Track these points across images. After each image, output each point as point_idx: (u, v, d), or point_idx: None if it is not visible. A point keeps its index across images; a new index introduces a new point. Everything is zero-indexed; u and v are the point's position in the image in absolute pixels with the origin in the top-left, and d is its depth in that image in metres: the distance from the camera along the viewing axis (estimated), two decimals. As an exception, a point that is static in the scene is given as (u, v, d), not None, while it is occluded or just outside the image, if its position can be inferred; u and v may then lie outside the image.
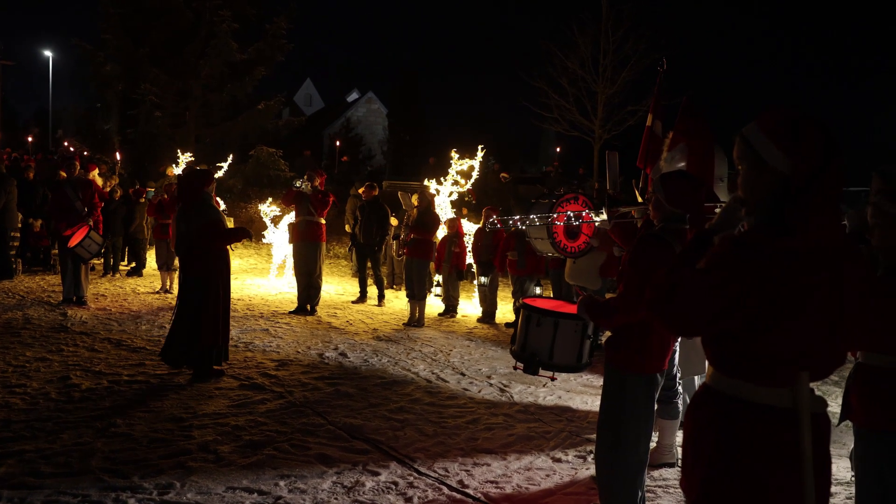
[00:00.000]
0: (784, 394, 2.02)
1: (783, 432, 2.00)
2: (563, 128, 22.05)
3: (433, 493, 4.25)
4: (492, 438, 5.29)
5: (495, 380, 7.08)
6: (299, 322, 9.76)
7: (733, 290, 1.95)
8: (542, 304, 4.24)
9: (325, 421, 5.52)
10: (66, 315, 9.26)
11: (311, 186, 10.46)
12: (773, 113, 2.08)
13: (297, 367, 7.24)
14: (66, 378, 6.37)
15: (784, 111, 2.06)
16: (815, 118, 2.04)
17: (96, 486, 4.12)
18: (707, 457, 2.09)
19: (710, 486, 2.08)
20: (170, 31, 22.41)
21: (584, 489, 4.40)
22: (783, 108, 2.07)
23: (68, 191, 9.98)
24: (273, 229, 13.52)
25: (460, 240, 11.02)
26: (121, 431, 5.04)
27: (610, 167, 5.85)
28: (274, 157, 23.42)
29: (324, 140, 46.26)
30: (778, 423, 2.01)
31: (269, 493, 4.13)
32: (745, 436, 2.03)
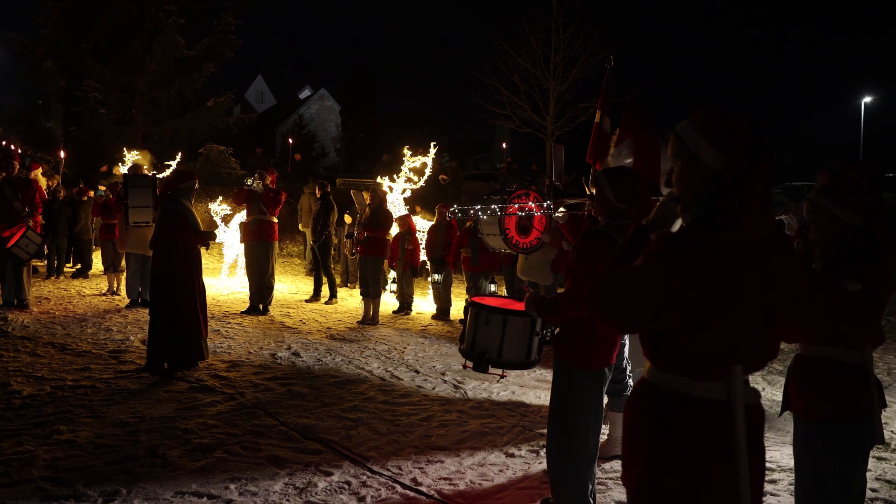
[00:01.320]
0: (718, 387, 2.04)
1: (718, 425, 2.03)
2: (516, 124, 22.22)
3: (386, 492, 4.22)
4: (446, 435, 5.29)
5: (449, 377, 7.08)
6: (251, 322, 9.63)
7: (669, 287, 1.97)
8: (491, 301, 4.24)
9: (277, 422, 5.45)
10: (7, 319, 8.97)
11: (263, 185, 10.33)
12: (705, 110, 2.11)
13: (249, 367, 7.14)
14: (7, 385, 6.16)
15: (715, 108, 2.10)
16: (745, 114, 2.07)
17: (38, 496, 3.99)
18: (645, 451, 2.11)
19: (648, 479, 2.10)
20: (113, 26, 21.87)
21: (537, 483, 4.42)
22: (714, 105, 2.10)
23: (7, 191, 9.66)
24: (224, 228, 13.32)
25: (413, 237, 11.01)
26: (64, 438, 4.90)
27: (555, 160, 5.89)
28: (224, 155, 23.06)
29: (276, 137, 45.80)
30: (713, 416, 2.04)
31: (219, 497, 4.06)
32: (681, 429, 2.05)
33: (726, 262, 1.98)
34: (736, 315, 2.00)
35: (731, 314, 2.00)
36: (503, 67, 21.50)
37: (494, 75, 21.60)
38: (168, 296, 6.72)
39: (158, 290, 6.79)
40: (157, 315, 6.73)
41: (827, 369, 2.97)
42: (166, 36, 21.31)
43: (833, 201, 3.01)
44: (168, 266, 6.77)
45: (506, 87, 21.43)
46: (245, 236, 10.58)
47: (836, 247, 2.99)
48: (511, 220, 7.39)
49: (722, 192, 2.02)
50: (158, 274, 6.81)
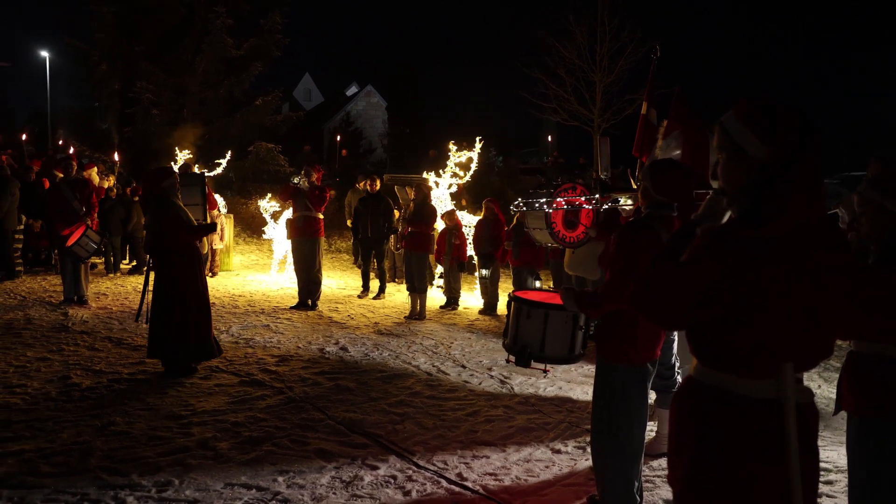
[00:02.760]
0: (767, 385, 2.00)
1: (767, 424, 1.98)
2: (562, 118, 21.99)
3: (432, 487, 4.25)
4: (491, 430, 5.29)
5: (496, 371, 7.07)
6: (300, 317, 9.76)
7: (711, 282, 1.94)
8: (533, 296, 4.23)
9: (325, 416, 5.52)
10: (67, 315, 9.27)
11: (308, 182, 10.45)
12: (749, 100, 2.06)
13: (298, 362, 7.24)
14: (67, 377, 6.38)
15: (760, 98, 2.05)
16: (791, 104, 2.02)
17: (95, 485, 4.12)
18: (690, 450, 2.08)
19: (693, 479, 2.07)
20: (164, 28, 22.32)
21: (583, 480, 4.40)
22: (759, 96, 2.05)
23: (66, 191, 9.98)
24: (273, 225, 13.51)
25: (460, 232, 11.01)
26: (120, 430, 5.05)
27: (601, 153, 5.84)
28: (273, 152, 23.35)
29: (324, 134, 46.21)
30: (761, 415, 1.99)
31: (267, 489, 4.13)
32: (727, 428, 2.01)
33: (771, 256, 1.93)
34: (781, 311, 1.95)
35: (775, 310, 1.95)
36: (548, 60, 21.29)
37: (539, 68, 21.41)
38: (168, 299, 6.62)
39: (159, 294, 6.67)
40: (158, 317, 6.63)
41: (880, 366, 2.88)
42: (215, 37, 21.65)
43: (882, 193, 2.91)
44: (167, 268, 6.66)
45: (551, 80, 21.23)
46: (291, 233, 10.71)
47: (888, 240, 2.90)
48: (557, 214, 7.33)
49: (767, 185, 1.97)
50: (159, 277, 6.71)
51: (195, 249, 6.91)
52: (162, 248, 6.70)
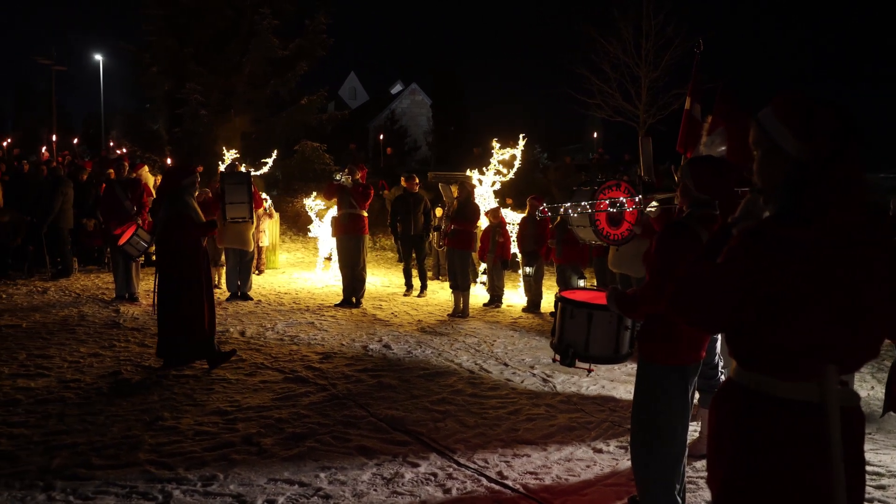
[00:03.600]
0: (810, 388, 1.94)
1: (808, 428, 1.93)
2: (607, 114, 21.83)
3: (472, 485, 4.25)
4: (533, 429, 5.27)
5: (538, 370, 7.04)
6: (344, 315, 9.85)
7: (748, 283, 1.89)
8: (582, 295, 4.20)
9: (367, 413, 5.56)
10: (119, 312, 9.51)
11: (352, 180, 10.53)
12: (788, 97, 2.01)
13: (342, 359, 7.31)
14: (118, 373, 6.55)
15: (798, 94, 2.00)
16: (832, 102, 1.96)
17: (143, 478, 4.23)
18: (729, 452, 2.03)
19: (731, 483, 2.02)
20: (212, 30, 22.73)
21: (625, 480, 4.35)
22: (797, 92, 2.00)
23: (117, 190, 10.24)
24: (318, 223, 13.65)
25: (504, 229, 10.99)
26: (168, 425, 5.17)
27: (644, 153, 5.76)
28: (318, 151, 23.61)
29: (369, 133, 46.55)
30: (803, 418, 1.94)
31: (309, 485, 4.19)
32: (767, 431, 1.96)
33: (808, 255, 1.88)
34: (822, 312, 1.90)
35: (815, 311, 1.89)
36: (593, 56, 21.17)
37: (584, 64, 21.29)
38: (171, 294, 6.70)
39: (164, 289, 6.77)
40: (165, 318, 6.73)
41: None
42: (261, 38, 21.97)
43: None
44: (175, 267, 6.73)
45: (596, 76, 21.09)
46: (336, 231, 10.81)
47: None
48: (602, 212, 7.27)
49: (805, 183, 1.92)
50: (165, 275, 6.79)
51: (200, 248, 6.90)
52: (168, 244, 6.78)
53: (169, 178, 7.02)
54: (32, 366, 6.73)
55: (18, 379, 6.28)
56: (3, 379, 6.27)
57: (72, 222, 12.69)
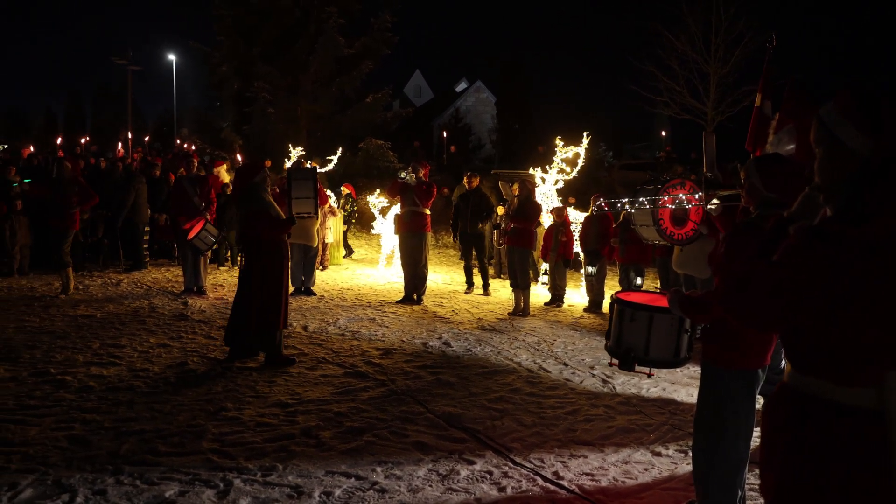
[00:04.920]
0: (867, 393, 1.85)
1: (868, 435, 1.84)
2: (674, 111, 21.40)
3: (527, 484, 4.23)
4: (590, 430, 5.21)
5: (598, 370, 6.96)
6: (406, 311, 9.92)
7: (804, 284, 1.81)
8: (638, 297, 4.12)
9: (425, 409, 5.59)
10: (187, 304, 9.79)
11: (416, 177, 10.59)
12: (851, 91, 1.92)
13: (401, 355, 7.36)
14: (185, 364, 6.74)
15: (862, 89, 1.91)
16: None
17: (206, 466, 4.35)
18: (781, 460, 1.97)
19: (782, 492, 1.95)
20: (279, 30, 23.21)
21: (684, 485, 4.26)
22: (863, 85, 1.92)
23: (187, 186, 10.54)
24: (381, 220, 13.79)
25: (567, 228, 10.90)
26: (230, 415, 5.30)
27: (707, 149, 5.62)
28: (382, 148, 23.86)
29: (433, 130, 46.77)
30: (862, 426, 1.85)
31: (366, 479, 4.24)
32: (822, 438, 1.89)
33: (871, 255, 1.80)
34: (883, 315, 1.80)
35: (876, 314, 1.80)
36: (660, 52, 20.75)
37: (651, 61, 20.89)
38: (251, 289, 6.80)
39: (242, 283, 6.91)
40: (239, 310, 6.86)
41: None
42: (327, 36, 22.33)
43: None
44: (255, 262, 6.84)
45: (663, 73, 20.68)
46: (399, 228, 10.89)
47: None
48: (666, 211, 7.13)
49: (868, 180, 1.84)
50: (245, 269, 6.92)
51: (281, 244, 7.03)
52: (249, 240, 6.92)
53: (241, 177, 7.18)
54: (105, 354, 6.99)
55: (92, 367, 6.53)
56: (78, 366, 6.54)
57: (146, 217, 13.14)
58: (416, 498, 4.01)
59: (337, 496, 4.00)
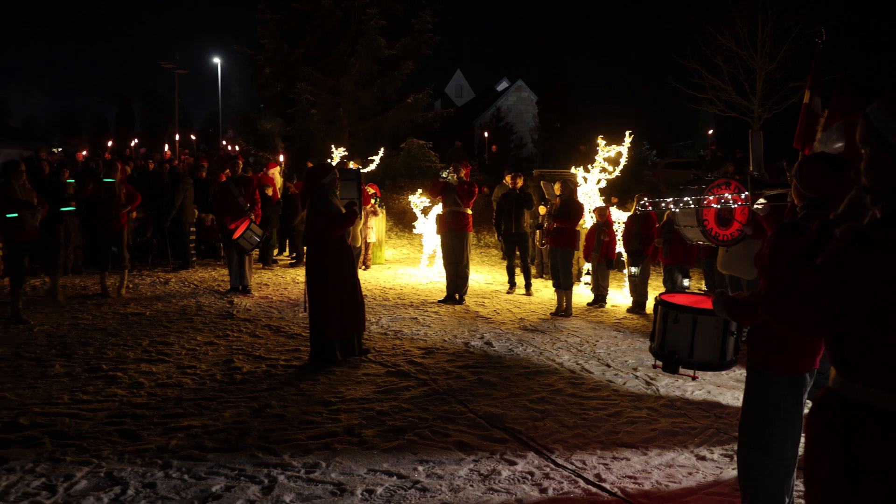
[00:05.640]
0: None
1: None
2: (719, 108, 21.03)
3: (569, 486, 4.22)
4: (633, 432, 5.17)
5: (641, 372, 6.90)
6: (447, 311, 9.95)
7: (851, 288, 1.76)
8: (683, 299, 4.08)
9: (466, 409, 5.61)
10: (233, 303, 9.96)
11: (457, 177, 10.62)
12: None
13: (443, 355, 7.39)
14: (230, 361, 6.86)
15: None
16: None
17: (251, 462, 4.43)
18: (825, 472, 1.90)
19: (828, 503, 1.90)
20: (321, 32, 23.45)
21: (729, 490, 4.20)
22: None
23: (232, 187, 10.72)
24: (423, 220, 13.84)
25: (610, 228, 10.81)
26: (275, 412, 5.38)
27: (754, 147, 5.52)
28: (424, 149, 23.94)
29: (474, 130, 46.78)
30: None
31: (407, 477, 4.27)
32: (870, 449, 1.82)
33: None
34: None
35: None
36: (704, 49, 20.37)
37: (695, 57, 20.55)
38: (318, 290, 6.91)
39: (312, 288, 7.00)
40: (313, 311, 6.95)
41: None
42: (368, 38, 22.50)
43: None
44: (319, 261, 6.94)
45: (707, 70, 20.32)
46: (440, 228, 10.93)
47: None
48: (710, 211, 7.04)
49: None
50: (311, 272, 7.01)
51: (346, 244, 7.14)
52: (316, 241, 7.00)
53: (310, 178, 7.27)
54: (154, 352, 7.15)
55: (142, 364, 6.69)
56: (128, 363, 6.70)
57: (193, 217, 13.40)
58: (457, 497, 4.03)
59: (379, 494, 4.04)
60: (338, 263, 6.98)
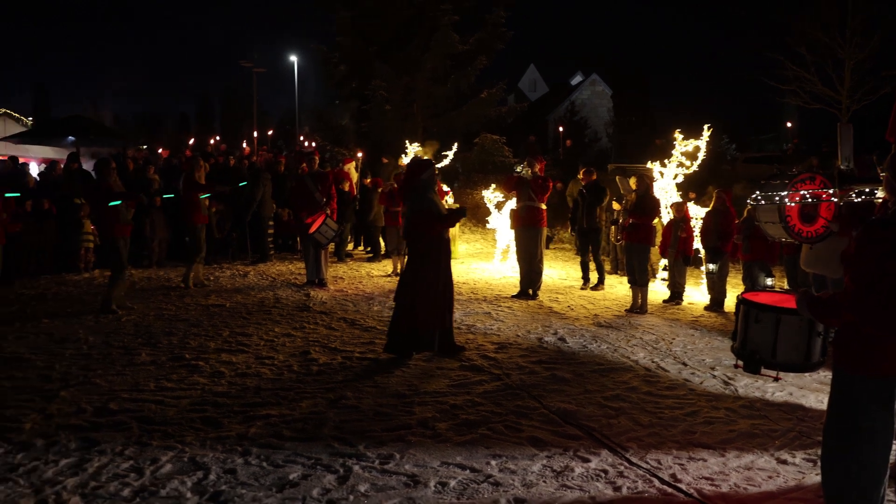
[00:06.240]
0: None
1: None
2: (804, 100, 20.22)
3: (643, 485, 4.15)
4: (711, 433, 5.05)
5: (719, 371, 6.74)
6: (521, 306, 9.92)
7: None
8: (767, 298, 3.96)
9: (540, 404, 5.59)
10: (309, 296, 10.18)
11: (532, 172, 10.57)
12: None
13: (516, 350, 7.38)
14: (307, 353, 7.02)
15: None
16: None
17: (327, 452, 4.52)
18: None
19: None
20: (395, 29, 23.64)
21: (812, 496, 4.04)
22: None
23: (309, 182, 10.94)
24: (497, 215, 13.83)
25: (687, 224, 10.58)
26: (350, 404, 5.48)
27: (843, 140, 5.30)
28: (498, 143, 23.90)
29: (548, 125, 46.40)
30: None
31: (480, 471, 4.28)
32: None
33: None
34: None
35: None
36: (788, 39, 19.59)
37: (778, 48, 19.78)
38: (412, 287, 6.94)
39: (405, 280, 7.06)
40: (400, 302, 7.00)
41: None
42: (442, 33, 22.56)
43: None
44: (418, 258, 6.99)
45: (791, 60, 19.54)
46: (514, 222, 10.90)
47: None
48: (793, 207, 6.80)
49: None
50: (409, 265, 7.08)
51: (446, 240, 7.16)
52: (415, 236, 7.05)
53: (409, 174, 7.33)
54: (234, 342, 7.38)
55: (222, 354, 6.91)
56: (209, 353, 6.94)
57: (271, 212, 13.75)
58: (529, 493, 4.02)
59: (452, 487, 4.07)
60: (437, 258, 7.00)
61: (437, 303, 6.96)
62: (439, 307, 6.99)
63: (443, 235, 7.12)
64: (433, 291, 6.93)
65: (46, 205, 11.76)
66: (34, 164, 16.70)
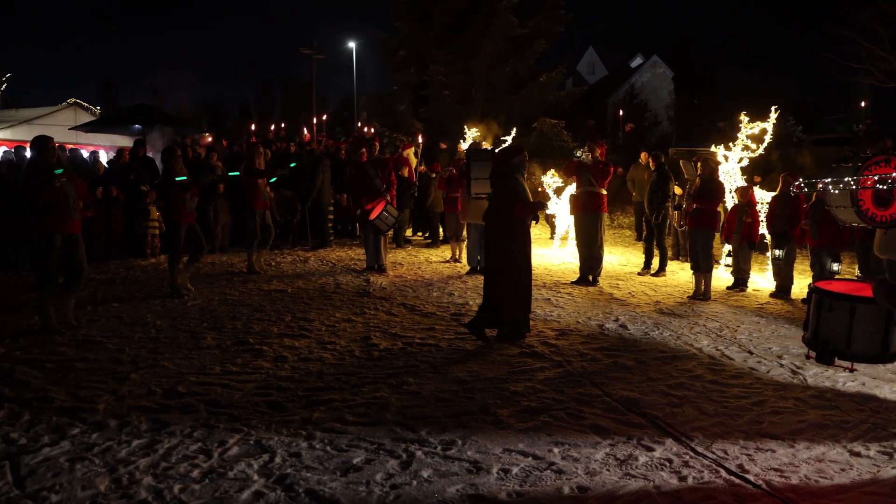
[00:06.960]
0: None
1: None
2: (878, 79, 19.44)
3: (709, 475, 4.07)
4: (779, 423, 4.92)
5: (787, 360, 6.56)
6: (581, 292, 9.84)
7: None
8: (841, 286, 3.83)
9: (602, 392, 5.53)
10: (369, 281, 10.27)
11: (592, 157, 10.43)
12: None
13: (577, 336, 7.32)
14: (368, 338, 7.09)
15: None
16: None
17: (389, 437, 4.56)
18: None
19: None
20: (453, 14, 23.57)
21: (889, 490, 3.90)
22: None
23: (369, 169, 11.01)
24: (556, 200, 13.72)
25: (752, 209, 10.31)
26: (412, 389, 5.52)
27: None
28: (556, 128, 23.68)
29: (607, 108, 45.71)
30: None
31: (542, 458, 4.27)
32: None
33: None
34: None
35: None
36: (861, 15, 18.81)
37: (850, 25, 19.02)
38: (499, 269, 7.04)
39: (491, 264, 7.17)
40: (488, 286, 7.10)
41: None
42: (500, 17, 22.43)
43: None
44: (502, 241, 7.05)
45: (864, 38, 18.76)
46: (574, 208, 10.79)
47: None
48: (866, 190, 6.56)
49: None
50: (492, 248, 7.16)
51: (526, 225, 7.22)
52: (496, 219, 7.12)
53: (502, 158, 7.50)
54: (296, 327, 7.50)
55: (285, 338, 7.04)
56: (273, 337, 7.07)
57: (330, 198, 13.91)
58: (593, 481, 3.99)
59: (514, 474, 4.06)
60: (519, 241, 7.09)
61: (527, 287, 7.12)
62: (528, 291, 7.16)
63: (524, 219, 7.15)
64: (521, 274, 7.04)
65: (115, 192, 12.12)
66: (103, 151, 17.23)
